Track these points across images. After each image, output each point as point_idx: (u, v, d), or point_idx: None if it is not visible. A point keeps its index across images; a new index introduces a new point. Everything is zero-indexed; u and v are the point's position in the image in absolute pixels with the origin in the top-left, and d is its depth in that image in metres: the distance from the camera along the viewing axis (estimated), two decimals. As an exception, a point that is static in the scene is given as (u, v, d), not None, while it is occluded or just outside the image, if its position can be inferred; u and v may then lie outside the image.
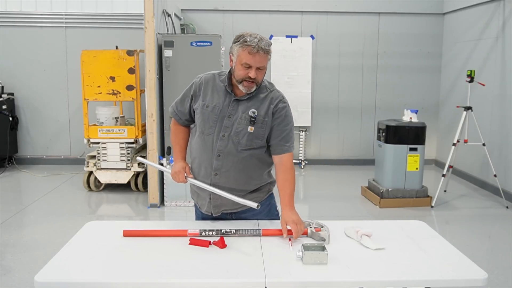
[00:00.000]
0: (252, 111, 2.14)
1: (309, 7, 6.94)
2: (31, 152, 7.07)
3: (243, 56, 2.05)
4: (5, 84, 6.78)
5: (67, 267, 1.79)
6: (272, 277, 1.72)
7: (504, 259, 3.76)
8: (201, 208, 2.33)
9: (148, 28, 4.78)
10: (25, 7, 6.80)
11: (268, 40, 2.09)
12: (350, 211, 5.10)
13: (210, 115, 2.17)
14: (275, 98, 2.20)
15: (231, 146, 2.16)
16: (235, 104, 2.17)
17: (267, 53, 2.07)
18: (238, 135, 2.15)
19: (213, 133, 2.17)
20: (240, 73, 2.09)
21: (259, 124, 2.15)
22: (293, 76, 6.85)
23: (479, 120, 5.39)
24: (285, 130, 2.19)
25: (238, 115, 2.15)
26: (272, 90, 2.22)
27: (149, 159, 4.95)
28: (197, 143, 2.24)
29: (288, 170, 2.20)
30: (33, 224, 4.55)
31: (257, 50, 2.02)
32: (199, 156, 2.24)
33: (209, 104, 2.18)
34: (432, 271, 1.79)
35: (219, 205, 2.25)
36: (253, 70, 2.06)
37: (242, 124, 2.15)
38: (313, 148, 7.28)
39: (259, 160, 2.23)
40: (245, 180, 2.22)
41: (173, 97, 2.38)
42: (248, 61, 2.04)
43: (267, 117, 2.17)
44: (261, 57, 2.05)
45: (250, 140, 2.16)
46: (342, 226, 2.18)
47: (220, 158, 2.17)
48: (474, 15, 6.16)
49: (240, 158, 2.17)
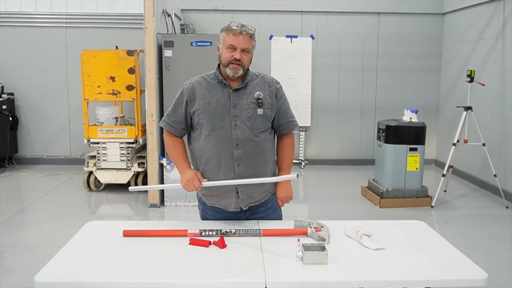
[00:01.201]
0: (257, 93, 2.24)
1: (309, 7, 6.94)
2: (31, 152, 7.07)
3: (227, 39, 2.17)
4: (5, 84, 6.78)
5: (67, 267, 1.79)
6: (272, 277, 1.72)
7: (504, 259, 3.76)
8: (227, 207, 2.29)
9: (148, 28, 4.78)
10: (25, 7, 6.80)
11: (252, 27, 2.22)
12: (350, 211, 5.10)
13: (216, 109, 2.21)
14: (270, 81, 2.33)
15: (247, 131, 2.22)
16: (234, 94, 2.23)
17: (250, 36, 2.19)
18: (250, 119, 2.23)
19: (224, 125, 2.21)
20: (226, 56, 2.18)
21: (266, 106, 2.26)
22: (293, 76, 6.85)
23: (479, 120, 5.39)
24: (288, 108, 2.38)
25: (242, 102, 2.23)
26: (262, 74, 2.35)
27: (149, 159, 4.96)
28: (210, 141, 2.23)
29: (289, 143, 2.42)
30: (33, 224, 4.55)
31: (240, 31, 2.15)
32: (216, 153, 2.23)
33: (211, 101, 2.22)
34: (432, 271, 1.79)
35: (246, 197, 2.27)
36: (238, 51, 2.16)
37: (250, 108, 2.23)
38: (313, 148, 7.28)
39: (270, 143, 2.34)
40: (264, 164, 2.31)
41: (173, 97, 2.38)
42: (232, 42, 2.16)
43: (271, 99, 2.29)
44: (244, 38, 2.16)
45: (262, 123, 2.26)
46: (342, 226, 2.18)
47: (239, 147, 2.21)
48: (474, 15, 6.16)
49: (257, 142, 2.25)
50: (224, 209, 2.30)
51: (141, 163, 5.57)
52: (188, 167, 2.29)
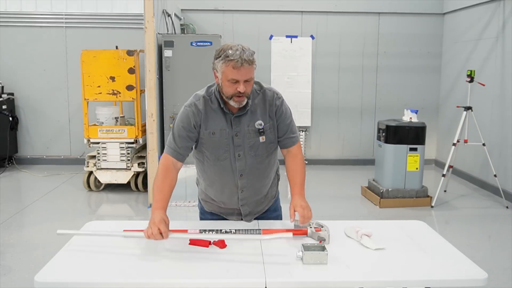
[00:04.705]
0: (258, 123, 2.12)
1: (309, 7, 6.94)
2: (31, 152, 7.07)
3: (228, 72, 1.97)
4: (5, 84, 6.78)
5: (67, 267, 1.79)
6: (272, 277, 1.72)
7: (504, 259, 3.76)
8: (229, 218, 2.33)
9: (148, 28, 4.78)
10: (25, 7, 6.80)
11: (251, 50, 2.01)
12: (350, 211, 5.10)
13: (220, 140, 2.11)
14: (270, 98, 2.16)
15: (251, 161, 2.15)
16: (236, 120, 2.11)
17: (251, 64, 1.98)
18: (253, 148, 2.14)
19: (228, 157, 2.13)
20: (228, 90, 2.01)
21: (268, 131, 2.15)
22: (293, 76, 6.84)
23: (479, 120, 5.38)
24: (289, 124, 2.20)
25: (244, 129, 2.12)
26: (262, 90, 2.17)
27: (149, 159, 4.95)
28: (213, 171, 2.19)
29: (297, 159, 2.22)
30: (33, 224, 4.55)
31: (241, 63, 1.94)
32: (220, 179, 2.21)
33: (215, 131, 2.11)
34: (432, 271, 1.79)
35: (249, 214, 2.28)
36: (241, 84, 1.99)
37: (252, 137, 2.13)
38: (313, 148, 7.27)
39: (273, 156, 2.26)
40: (267, 181, 2.28)
41: (173, 97, 2.38)
42: (234, 77, 1.97)
43: (272, 120, 2.16)
44: (246, 70, 1.97)
45: (265, 148, 2.17)
46: (342, 226, 2.18)
47: (243, 177, 2.18)
48: (474, 15, 6.16)
49: (261, 170, 2.21)
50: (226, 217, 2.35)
51: (141, 163, 5.57)
52: (161, 208, 1.99)
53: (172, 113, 5.28)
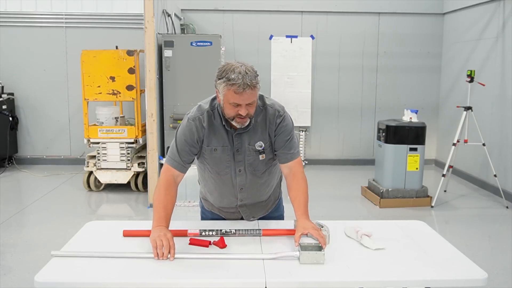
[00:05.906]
0: (258, 144, 2.09)
1: (309, 7, 6.94)
2: (31, 152, 7.07)
3: (229, 95, 1.91)
4: (5, 84, 6.78)
5: (67, 267, 1.79)
6: (272, 277, 1.72)
7: (504, 259, 3.76)
8: (228, 218, 2.35)
9: (148, 28, 4.78)
10: (25, 7, 6.80)
11: (254, 71, 1.93)
12: (350, 211, 5.10)
13: (222, 157, 2.11)
14: (271, 115, 2.09)
15: (251, 176, 2.16)
16: (238, 136, 2.09)
17: (254, 88, 1.91)
18: (252, 164, 2.13)
19: (229, 172, 2.14)
20: (230, 112, 1.97)
21: (268, 149, 2.13)
22: (293, 76, 6.84)
23: (479, 120, 5.38)
24: (287, 140, 2.12)
25: (244, 146, 2.10)
26: (264, 107, 2.10)
27: (149, 159, 4.95)
28: (213, 183, 2.21)
29: (299, 179, 2.13)
30: (33, 224, 4.55)
31: (243, 88, 1.87)
32: (219, 190, 2.22)
33: (217, 147, 2.09)
34: (432, 271, 1.79)
35: (249, 214, 2.30)
36: (243, 107, 1.93)
37: (252, 155, 2.12)
38: (313, 148, 7.27)
39: (274, 168, 2.24)
40: (267, 191, 2.29)
41: (173, 97, 2.37)
42: (235, 101, 1.91)
43: (271, 137, 2.12)
44: (248, 95, 1.90)
45: (265, 164, 2.16)
46: (342, 226, 2.18)
47: (243, 191, 2.19)
48: (474, 15, 6.16)
49: (261, 184, 2.22)
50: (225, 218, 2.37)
51: (141, 163, 5.57)
52: (165, 226, 1.96)
53: (172, 113, 5.27)
